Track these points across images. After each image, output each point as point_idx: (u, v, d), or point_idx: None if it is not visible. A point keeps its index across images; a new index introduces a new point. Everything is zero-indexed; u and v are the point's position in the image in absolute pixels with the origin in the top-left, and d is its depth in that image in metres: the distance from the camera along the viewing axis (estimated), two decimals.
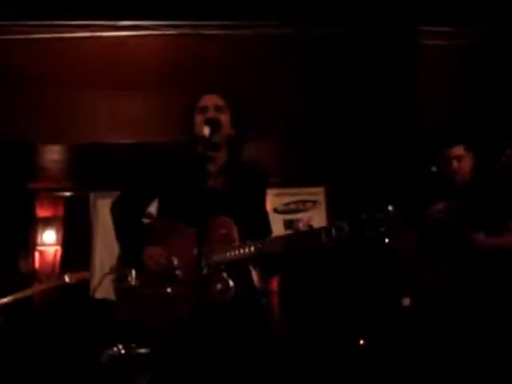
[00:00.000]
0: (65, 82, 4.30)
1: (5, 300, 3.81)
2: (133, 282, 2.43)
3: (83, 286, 4.80)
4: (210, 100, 2.55)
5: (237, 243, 2.29)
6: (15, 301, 3.87)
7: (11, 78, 4.22)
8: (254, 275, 2.37)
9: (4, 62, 4.11)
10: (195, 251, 2.21)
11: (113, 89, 4.37)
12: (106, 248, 5.66)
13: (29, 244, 5.93)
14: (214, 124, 2.40)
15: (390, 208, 2.10)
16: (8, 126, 4.51)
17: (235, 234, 2.32)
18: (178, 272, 2.33)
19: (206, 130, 2.36)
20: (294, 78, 4.30)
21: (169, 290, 2.32)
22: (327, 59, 4.16)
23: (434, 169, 4.06)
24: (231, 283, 2.23)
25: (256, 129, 2.70)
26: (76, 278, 4.21)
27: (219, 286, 2.23)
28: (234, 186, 2.50)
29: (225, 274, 2.25)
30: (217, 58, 4.16)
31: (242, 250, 2.26)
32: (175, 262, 2.35)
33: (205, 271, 2.22)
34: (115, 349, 3.85)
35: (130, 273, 2.44)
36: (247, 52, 4.15)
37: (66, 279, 4.17)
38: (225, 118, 2.51)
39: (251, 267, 2.31)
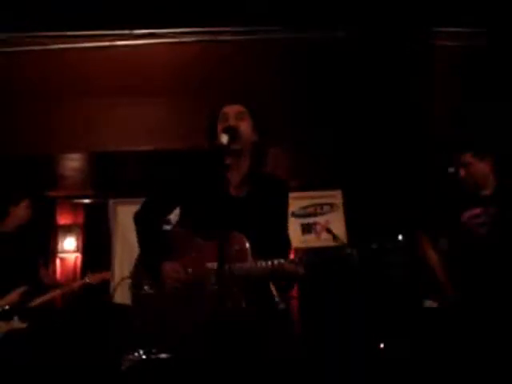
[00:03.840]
0: (82, 91, 4.35)
1: (31, 304, 3.88)
2: (149, 290, 2.44)
3: (103, 291, 4.86)
4: (231, 108, 2.53)
5: (250, 259, 2.31)
6: (39, 305, 3.93)
7: (29, 89, 4.28)
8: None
9: (21, 74, 4.17)
10: (210, 264, 2.25)
11: (130, 97, 4.41)
12: (125, 254, 5.71)
13: (49, 252, 6.01)
14: (232, 132, 2.40)
15: (400, 238, 2.12)
16: (27, 136, 4.58)
17: (248, 250, 2.32)
18: (192, 284, 2.35)
19: (224, 138, 2.36)
20: (310, 83, 4.30)
21: (184, 300, 2.33)
22: (341, 63, 4.15)
23: (451, 170, 4.03)
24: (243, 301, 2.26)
25: (272, 133, 2.70)
26: (97, 279, 4.26)
27: (230, 303, 2.25)
28: (256, 196, 2.48)
29: (236, 289, 2.27)
30: (233, 64, 4.17)
31: (259, 267, 2.29)
32: (190, 272, 2.36)
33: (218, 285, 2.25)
34: (136, 354, 3.87)
35: (147, 280, 2.45)
36: (263, 58, 4.16)
37: (88, 280, 4.22)
38: (245, 126, 2.49)
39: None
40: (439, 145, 4.05)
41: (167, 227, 2.64)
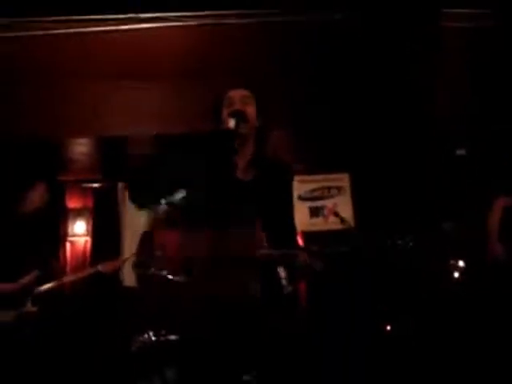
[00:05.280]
0: (89, 76, 4.36)
1: (41, 289, 3.92)
2: (154, 269, 2.45)
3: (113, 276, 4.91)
4: (236, 93, 2.54)
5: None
6: (50, 290, 3.98)
7: (36, 74, 4.29)
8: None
9: (28, 59, 4.18)
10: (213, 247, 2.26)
11: (136, 81, 4.41)
12: (134, 238, 5.76)
13: (59, 235, 6.07)
14: (239, 116, 2.41)
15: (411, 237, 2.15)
16: (35, 122, 4.60)
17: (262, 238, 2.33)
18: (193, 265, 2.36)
19: (232, 123, 2.37)
20: (314, 66, 4.28)
21: (186, 279, 2.35)
22: (346, 45, 4.11)
23: (460, 152, 4.01)
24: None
25: (278, 116, 2.69)
26: (110, 267, 4.29)
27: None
28: (262, 180, 2.50)
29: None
30: (237, 47, 4.16)
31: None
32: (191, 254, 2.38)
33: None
34: (145, 336, 3.93)
35: (152, 260, 2.47)
36: (268, 41, 4.13)
37: (100, 268, 4.26)
38: (251, 110, 2.50)
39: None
40: (446, 127, 4.03)
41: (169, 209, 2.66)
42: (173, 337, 3.77)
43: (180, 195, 2.67)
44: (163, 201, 2.63)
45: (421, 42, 3.97)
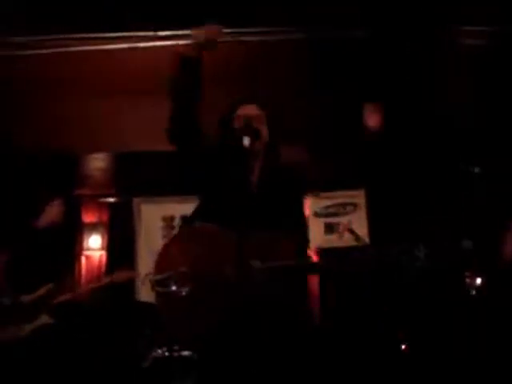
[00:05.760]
0: (106, 92, 4.41)
1: (57, 301, 3.95)
2: (174, 287, 2.45)
3: (128, 288, 4.93)
4: (250, 109, 2.58)
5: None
6: (66, 302, 4.01)
7: (53, 91, 4.36)
8: None
9: (45, 76, 4.24)
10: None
11: (153, 98, 4.44)
12: (149, 252, 5.78)
13: (75, 250, 6.11)
14: (254, 134, 2.44)
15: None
16: (53, 137, 4.66)
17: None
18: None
19: (246, 141, 2.39)
20: (324, 82, 4.28)
21: (205, 294, 2.35)
22: (357, 61, 4.13)
23: (476, 170, 3.99)
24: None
25: (292, 134, 2.70)
26: (124, 277, 4.32)
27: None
28: (273, 194, 2.52)
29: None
30: (252, 65, 4.19)
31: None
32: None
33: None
34: (159, 351, 3.92)
35: (172, 277, 2.47)
36: (280, 58, 4.17)
37: (115, 278, 4.28)
38: (264, 128, 2.55)
39: None
40: (462, 144, 4.01)
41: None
42: (186, 353, 3.77)
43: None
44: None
45: (438, 58, 3.98)
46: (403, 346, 4.39)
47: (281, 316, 2.33)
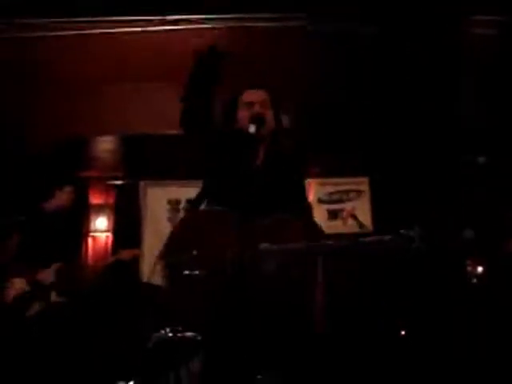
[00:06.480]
0: (113, 76, 4.43)
1: (65, 280, 4.02)
2: (186, 270, 2.47)
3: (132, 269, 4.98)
4: (255, 95, 2.59)
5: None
6: (74, 280, 4.07)
7: (62, 76, 4.38)
8: None
9: (53, 60, 4.26)
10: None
11: (161, 82, 4.47)
12: (154, 234, 5.84)
13: (82, 231, 6.18)
14: (260, 121, 2.45)
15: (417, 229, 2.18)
16: (62, 119, 4.69)
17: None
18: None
19: (252, 128, 2.41)
20: (334, 71, 4.28)
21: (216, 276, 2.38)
22: (370, 53, 4.12)
23: (481, 160, 4.00)
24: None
25: (297, 119, 2.72)
26: (129, 255, 4.38)
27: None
28: (278, 178, 2.54)
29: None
30: (261, 51, 4.19)
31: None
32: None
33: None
34: (162, 332, 3.97)
35: (183, 260, 2.49)
36: (289, 45, 4.16)
37: (119, 256, 4.35)
38: (269, 114, 2.56)
39: None
40: (467, 135, 4.01)
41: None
42: (189, 334, 3.82)
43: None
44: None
45: (445, 48, 3.95)
46: (402, 333, 4.44)
47: (288, 299, 2.35)
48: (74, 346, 4.02)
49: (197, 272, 2.40)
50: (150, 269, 4.80)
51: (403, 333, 4.40)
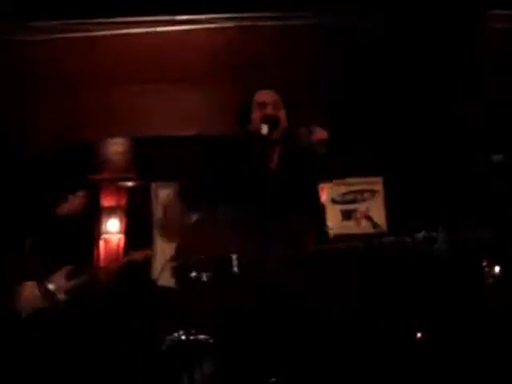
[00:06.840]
0: (124, 77, 4.43)
1: (75, 282, 4.01)
2: (194, 273, 2.46)
3: (144, 271, 4.97)
4: (267, 96, 2.58)
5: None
6: (84, 283, 4.07)
7: (72, 76, 4.38)
8: None
9: (64, 61, 4.26)
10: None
11: (170, 83, 4.46)
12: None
13: (93, 233, 6.18)
14: (272, 122, 2.43)
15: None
16: (72, 122, 4.70)
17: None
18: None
19: (265, 129, 2.39)
20: (347, 70, 4.25)
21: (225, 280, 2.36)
22: (380, 50, 4.08)
23: (497, 158, 3.94)
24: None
25: (309, 119, 2.70)
26: (140, 255, 4.38)
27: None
28: (292, 180, 2.54)
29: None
30: (273, 50, 4.17)
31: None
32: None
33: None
34: (176, 335, 3.95)
35: (192, 263, 2.48)
36: (300, 44, 4.14)
37: (131, 256, 4.34)
38: (282, 114, 2.54)
39: None
40: (481, 134, 3.95)
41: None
42: (202, 336, 3.80)
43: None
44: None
45: (455, 44, 3.90)
46: (418, 334, 4.37)
47: (299, 301, 2.33)
48: (86, 348, 4.01)
49: (208, 275, 2.38)
50: (158, 271, 4.81)
51: (419, 335, 4.34)
